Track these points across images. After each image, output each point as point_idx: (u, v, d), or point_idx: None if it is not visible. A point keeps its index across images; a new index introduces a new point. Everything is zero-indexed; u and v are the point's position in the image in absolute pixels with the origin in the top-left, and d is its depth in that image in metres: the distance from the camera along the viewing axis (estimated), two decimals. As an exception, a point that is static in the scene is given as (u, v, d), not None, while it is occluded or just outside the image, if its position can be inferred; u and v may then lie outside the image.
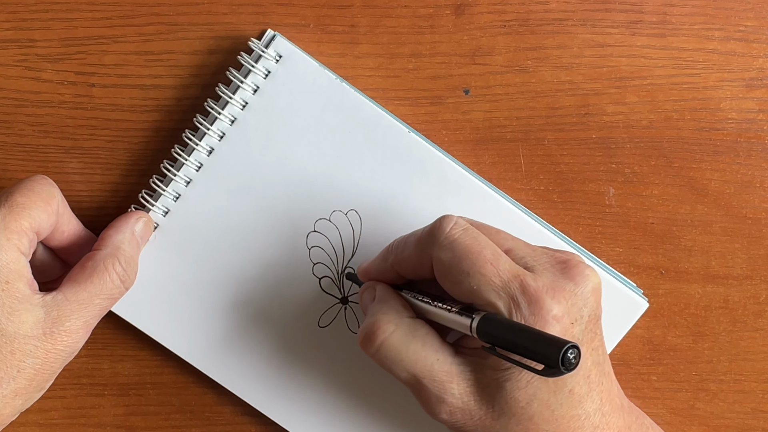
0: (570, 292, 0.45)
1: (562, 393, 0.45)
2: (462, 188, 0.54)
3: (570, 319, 0.45)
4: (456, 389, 0.46)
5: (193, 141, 0.53)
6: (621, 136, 0.56)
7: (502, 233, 0.48)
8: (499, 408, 0.46)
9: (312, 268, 0.55)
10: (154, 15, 0.54)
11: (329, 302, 0.55)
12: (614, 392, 0.48)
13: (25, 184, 0.49)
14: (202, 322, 0.55)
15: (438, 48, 0.55)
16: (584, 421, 0.46)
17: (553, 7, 0.55)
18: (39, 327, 0.47)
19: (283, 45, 0.53)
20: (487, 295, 0.45)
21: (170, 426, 0.58)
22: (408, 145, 0.53)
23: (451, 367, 0.46)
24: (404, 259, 0.49)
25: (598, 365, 0.47)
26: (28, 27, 0.54)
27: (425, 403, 0.47)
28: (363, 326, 0.48)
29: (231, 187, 0.54)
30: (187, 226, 0.54)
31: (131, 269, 0.51)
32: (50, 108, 0.55)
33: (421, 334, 0.47)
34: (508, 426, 0.46)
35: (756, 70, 0.55)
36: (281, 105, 0.53)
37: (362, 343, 0.48)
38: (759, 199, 0.56)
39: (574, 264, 0.46)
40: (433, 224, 0.48)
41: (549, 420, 0.45)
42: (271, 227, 0.54)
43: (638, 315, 0.54)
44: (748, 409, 0.58)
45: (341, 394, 0.55)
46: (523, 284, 0.45)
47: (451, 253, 0.46)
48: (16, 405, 0.48)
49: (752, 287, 0.57)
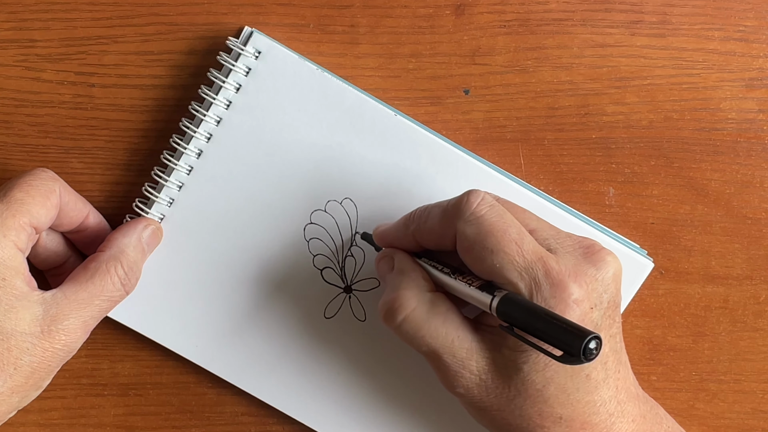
0: (591, 276, 0.45)
1: (578, 377, 0.45)
2: (454, 166, 0.53)
3: (590, 303, 0.45)
4: (474, 366, 0.46)
5: (182, 145, 0.53)
6: (621, 136, 0.56)
7: (528, 213, 0.48)
8: (515, 388, 0.46)
9: (312, 260, 0.55)
10: (154, 15, 0.54)
11: (333, 292, 0.55)
12: (630, 381, 0.48)
13: (23, 179, 0.49)
14: (207, 323, 0.55)
15: (438, 48, 0.55)
16: (599, 408, 0.46)
17: (553, 7, 0.55)
18: (37, 324, 0.47)
19: (261, 41, 0.53)
20: (509, 274, 0.45)
21: (170, 426, 0.58)
22: (396, 127, 0.53)
23: (471, 344, 0.47)
24: (426, 229, 0.49)
25: (615, 353, 0.47)
26: (28, 27, 0.54)
27: (443, 376, 0.47)
28: (384, 300, 0.48)
29: (223, 187, 0.54)
30: (184, 230, 0.54)
31: (133, 274, 0.51)
32: (50, 108, 0.55)
33: (442, 311, 0.47)
34: (524, 407, 0.46)
35: (756, 70, 0.55)
36: (265, 100, 0.53)
37: (384, 318, 0.48)
38: (759, 199, 0.56)
39: (596, 249, 0.47)
40: (460, 198, 0.47)
41: (564, 404, 0.46)
42: (268, 223, 0.54)
43: (644, 276, 0.54)
44: (748, 409, 0.58)
45: (353, 382, 0.55)
46: (546, 266, 0.45)
47: (477, 229, 0.46)
48: (13, 402, 0.48)
49: (752, 287, 0.57)
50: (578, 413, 0.46)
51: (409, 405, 0.55)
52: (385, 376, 0.55)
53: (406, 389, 0.55)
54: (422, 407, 0.55)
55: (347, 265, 0.55)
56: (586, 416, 0.46)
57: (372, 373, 0.55)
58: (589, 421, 0.46)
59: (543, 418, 0.46)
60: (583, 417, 0.46)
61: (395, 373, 0.55)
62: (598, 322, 0.45)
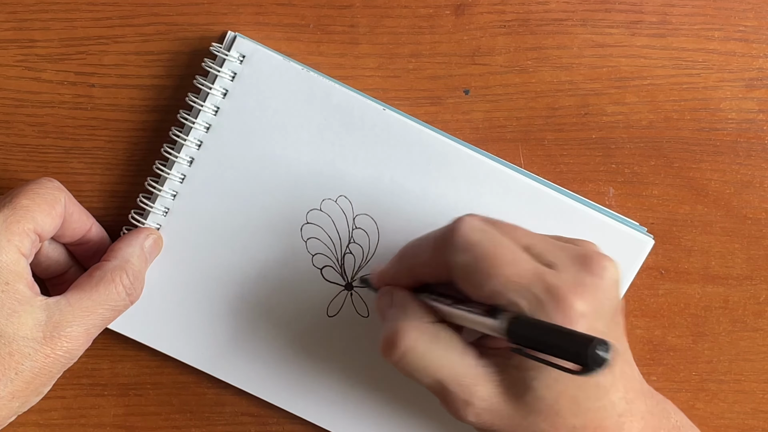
0: (593, 287, 0.44)
1: (588, 386, 0.45)
2: (446, 156, 0.53)
3: (595, 315, 0.44)
4: (483, 391, 0.46)
5: (173, 154, 0.53)
6: (621, 136, 0.56)
7: (519, 229, 0.47)
8: (527, 407, 0.45)
9: (311, 260, 0.55)
10: (153, 15, 0.54)
11: (334, 291, 0.55)
12: (636, 378, 0.48)
13: (30, 187, 0.49)
14: (210, 329, 0.55)
15: (438, 48, 0.55)
16: (610, 411, 0.46)
17: (553, 7, 0.55)
18: (39, 329, 0.47)
19: (245, 44, 0.53)
20: (510, 295, 0.44)
21: (170, 426, 0.58)
22: (386, 122, 0.53)
23: (476, 370, 0.46)
24: (420, 263, 0.48)
25: (620, 354, 0.46)
26: (28, 27, 0.54)
27: (451, 407, 0.46)
28: (383, 333, 0.47)
29: (218, 193, 0.54)
30: (181, 238, 0.54)
31: (138, 283, 0.51)
32: (50, 108, 0.55)
33: (443, 338, 0.46)
34: (537, 423, 0.45)
35: (756, 70, 0.55)
36: (252, 104, 0.53)
37: (384, 352, 0.47)
38: (759, 199, 0.56)
39: (593, 257, 0.45)
40: (448, 228, 0.47)
41: (576, 414, 0.45)
42: (264, 226, 0.54)
43: (645, 253, 0.54)
44: (748, 409, 0.58)
45: (360, 379, 0.55)
46: (546, 283, 0.44)
47: (470, 256, 0.45)
48: (13, 407, 0.48)
49: (752, 287, 0.57)
50: (590, 420, 0.45)
51: (415, 398, 0.55)
52: (391, 370, 0.55)
53: (409, 386, 0.55)
54: (429, 399, 0.55)
55: (347, 263, 0.55)
56: (598, 421, 0.46)
57: (378, 367, 0.55)
58: (601, 425, 0.46)
59: (557, 430, 0.45)
60: (596, 423, 0.46)
61: None
62: (605, 331, 0.45)
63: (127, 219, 0.54)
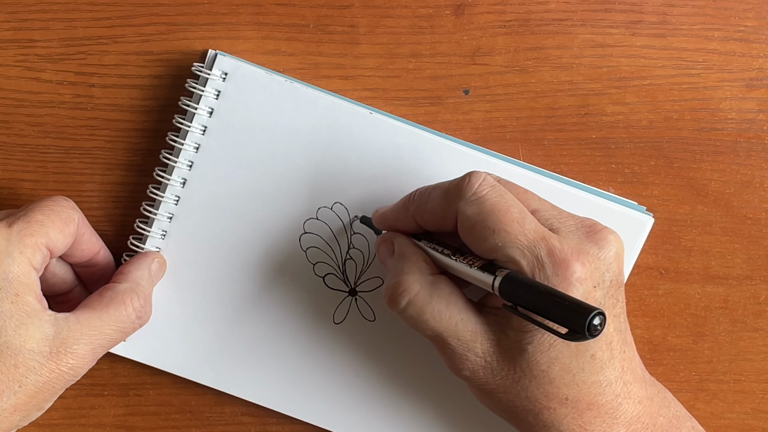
0: (594, 255, 0.45)
1: (583, 357, 0.45)
2: (437, 155, 0.54)
3: (593, 282, 0.45)
4: (479, 348, 0.47)
5: (165, 177, 0.53)
6: (621, 136, 0.56)
7: (530, 193, 0.48)
8: (521, 369, 0.46)
9: (313, 269, 0.55)
10: (153, 15, 0.54)
11: (338, 298, 0.55)
12: (636, 362, 0.48)
13: (45, 203, 0.49)
14: (218, 346, 0.55)
15: (438, 48, 0.55)
16: (605, 388, 0.46)
17: (553, 7, 0.55)
18: (46, 344, 0.47)
19: (226, 62, 0.53)
20: (511, 252, 0.45)
21: (170, 426, 0.58)
22: (374, 125, 0.53)
23: (475, 327, 0.47)
24: (427, 210, 0.49)
25: (620, 332, 0.47)
26: (28, 27, 0.54)
27: (449, 360, 0.48)
28: (386, 285, 0.48)
29: (214, 211, 0.54)
30: (180, 260, 0.54)
31: (148, 306, 0.52)
32: (50, 108, 0.55)
33: (445, 293, 0.47)
34: (529, 388, 0.46)
35: (756, 70, 0.55)
36: (239, 120, 0.53)
37: (388, 303, 0.48)
38: (759, 199, 0.56)
39: (598, 229, 0.47)
40: (461, 179, 0.47)
41: (570, 384, 0.46)
42: (262, 240, 0.54)
43: (645, 233, 0.54)
44: (748, 409, 0.58)
45: (372, 382, 0.55)
46: (549, 245, 0.45)
47: (478, 209, 0.46)
48: (14, 420, 0.48)
49: (752, 287, 0.57)
50: (584, 394, 0.46)
51: (428, 397, 0.55)
52: (401, 371, 0.55)
53: (422, 383, 0.55)
54: (440, 398, 0.55)
55: (348, 268, 0.55)
56: (592, 397, 0.46)
57: (389, 369, 0.55)
58: (595, 401, 0.46)
59: (549, 399, 0.46)
60: (589, 398, 0.46)
61: (411, 368, 0.55)
62: (602, 301, 0.45)
63: (129, 224, 0.54)
